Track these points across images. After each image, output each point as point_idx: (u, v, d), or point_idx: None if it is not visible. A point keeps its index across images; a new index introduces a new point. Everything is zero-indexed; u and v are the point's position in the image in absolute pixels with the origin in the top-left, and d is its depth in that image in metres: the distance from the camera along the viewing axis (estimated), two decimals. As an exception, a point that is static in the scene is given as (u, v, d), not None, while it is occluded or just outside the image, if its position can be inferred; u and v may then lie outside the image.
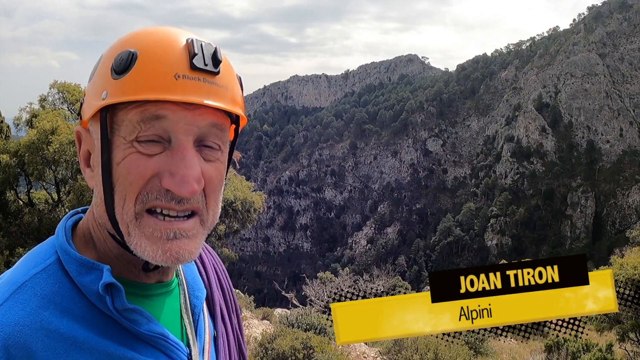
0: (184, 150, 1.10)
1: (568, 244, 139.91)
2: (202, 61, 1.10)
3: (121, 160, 1.09)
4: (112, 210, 1.11)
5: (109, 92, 1.09)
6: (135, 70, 1.08)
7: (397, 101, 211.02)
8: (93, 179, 1.18)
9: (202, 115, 1.12)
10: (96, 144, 1.15)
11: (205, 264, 1.46)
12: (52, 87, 17.63)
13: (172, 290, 1.29)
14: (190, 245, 1.13)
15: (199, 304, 1.33)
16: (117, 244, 1.17)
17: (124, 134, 1.09)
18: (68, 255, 1.15)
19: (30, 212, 16.35)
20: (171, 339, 1.20)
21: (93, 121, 1.15)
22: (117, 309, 1.11)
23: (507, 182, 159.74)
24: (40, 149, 14.92)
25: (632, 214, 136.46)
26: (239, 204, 21.17)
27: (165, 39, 1.12)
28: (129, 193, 1.09)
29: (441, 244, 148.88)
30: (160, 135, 1.09)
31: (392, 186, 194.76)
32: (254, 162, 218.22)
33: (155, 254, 1.10)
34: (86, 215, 1.25)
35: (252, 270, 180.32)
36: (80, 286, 1.12)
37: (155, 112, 1.08)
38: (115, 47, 1.15)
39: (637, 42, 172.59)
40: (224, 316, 1.43)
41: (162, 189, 1.09)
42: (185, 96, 1.08)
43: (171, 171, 1.09)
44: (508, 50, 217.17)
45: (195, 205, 1.14)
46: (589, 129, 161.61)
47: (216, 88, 1.13)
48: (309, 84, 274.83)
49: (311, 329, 12.39)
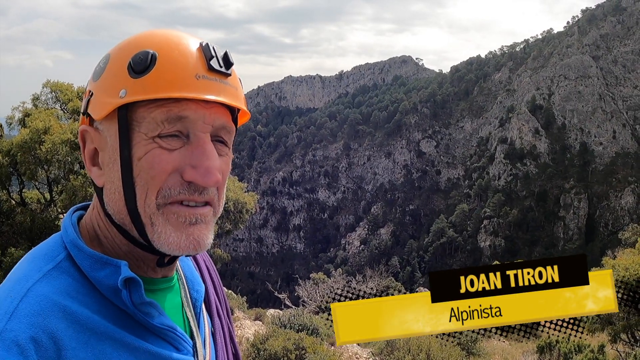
0: (205, 144, 1.15)
1: (561, 245, 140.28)
2: (218, 63, 1.16)
3: (143, 155, 1.12)
4: (134, 204, 1.14)
5: (128, 90, 1.12)
6: (156, 70, 1.12)
7: (391, 102, 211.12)
8: (102, 177, 1.19)
9: (217, 114, 1.17)
10: (110, 141, 1.16)
11: (198, 262, 1.50)
12: (45, 87, 17.54)
13: (173, 286, 1.32)
14: (207, 230, 1.18)
15: (199, 298, 1.37)
16: (128, 241, 1.19)
17: (145, 131, 1.13)
18: (80, 251, 1.17)
19: (22, 212, 16.27)
20: (179, 332, 1.23)
21: (106, 119, 1.17)
22: (133, 303, 1.14)
23: (501, 184, 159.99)
24: (33, 148, 14.85)
25: (625, 215, 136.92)
26: (231, 204, 21.16)
27: (181, 42, 1.17)
28: (151, 186, 1.12)
29: (434, 245, 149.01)
30: (181, 131, 1.14)
31: (385, 187, 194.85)
32: (247, 162, 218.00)
33: (180, 239, 1.14)
34: (88, 213, 1.27)
35: (245, 271, 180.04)
36: (94, 281, 1.14)
37: (178, 112, 1.12)
38: (127, 47, 1.17)
39: (630, 44, 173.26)
40: (219, 312, 1.47)
41: (184, 183, 1.14)
42: (206, 95, 1.13)
43: (193, 164, 1.13)
44: (502, 52, 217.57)
45: (211, 197, 1.18)
46: (582, 131, 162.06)
47: (229, 88, 1.19)
48: (303, 85, 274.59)
49: (304, 329, 12.38)
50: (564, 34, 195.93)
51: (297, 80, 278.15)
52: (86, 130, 1.22)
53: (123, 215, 1.16)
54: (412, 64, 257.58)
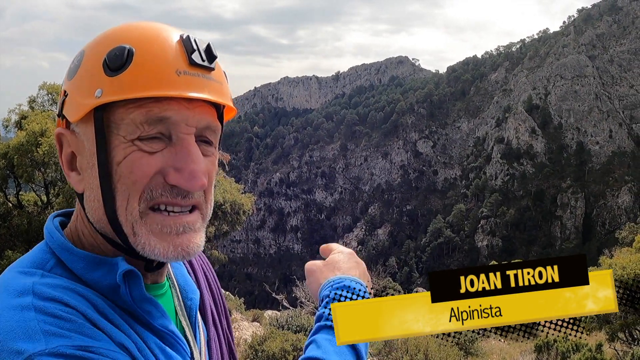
0: (189, 146, 1.08)
1: (558, 244, 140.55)
2: (200, 57, 1.10)
3: (122, 159, 1.06)
4: (114, 212, 1.08)
5: (104, 90, 1.05)
6: (133, 66, 1.05)
7: (388, 103, 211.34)
8: (81, 182, 1.14)
9: (202, 113, 1.11)
10: (87, 145, 1.10)
11: (194, 266, 1.45)
12: (42, 89, 17.52)
13: (165, 292, 1.27)
14: (197, 238, 1.13)
15: (194, 306, 1.32)
16: (114, 248, 1.13)
17: (123, 133, 1.06)
18: (71, 253, 1.11)
19: (19, 215, 16.25)
20: (179, 337, 1.18)
21: (82, 121, 1.10)
22: (134, 299, 1.10)
23: (497, 184, 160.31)
24: (30, 151, 14.83)
25: (622, 214, 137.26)
26: (228, 206, 21.12)
27: (159, 34, 1.11)
28: (132, 192, 1.06)
29: (432, 245, 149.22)
30: (162, 132, 1.08)
31: (382, 188, 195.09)
32: (244, 163, 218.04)
33: (167, 250, 1.08)
34: (72, 221, 1.21)
35: (243, 272, 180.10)
36: (91, 282, 1.08)
37: (159, 113, 1.06)
38: (102, 42, 1.11)
39: (626, 44, 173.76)
40: (215, 319, 1.42)
41: (166, 185, 1.08)
42: (188, 92, 1.06)
43: (176, 167, 1.07)
44: (498, 52, 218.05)
45: (197, 200, 1.13)
46: (578, 130, 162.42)
47: (213, 83, 1.12)
48: (300, 86, 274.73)
49: (301, 330, 12.39)
50: (560, 33, 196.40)
51: (294, 81, 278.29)
52: (62, 133, 1.15)
53: (104, 224, 1.11)
54: (409, 65, 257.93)
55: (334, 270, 1.41)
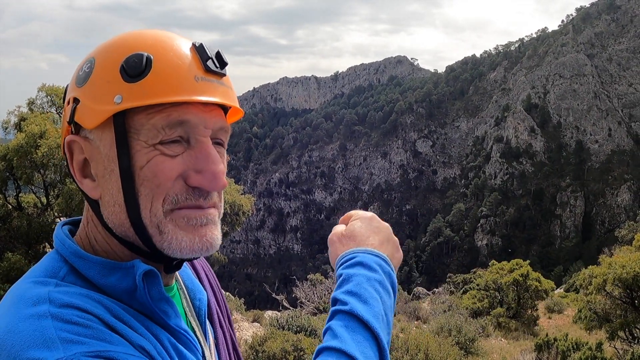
0: (208, 148, 1.12)
1: (558, 243, 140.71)
2: (214, 64, 1.14)
3: (145, 163, 1.09)
4: (138, 216, 1.10)
5: (124, 96, 1.07)
6: (153, 73, 1.08)
7: (387, 102, 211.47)
8: (96, 188, 1.14)
9: (217, 116, 1.15)
10: (104, 151, 1.11)
11: (197, 267, 1.47)
12: (41, 91, 17.50)
13: (174, 295, 1.29)
14: (217, 231, 1.16)
15: (202, 307, 1.34)
16: (131, 252, 1.15)
17: (144, 138, 1.09)
18: (85, 260, 1.12)
19: (19, 216, 16.25)
20: (192, 337, 1.20)
21: (98, 127, 1.11)
22: (152, 299, 1.11)
23: (497, 183, 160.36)
24: (29, 152, 14.82)
25: (621, 213, 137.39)
26: (228, 207, 21.14)
27: (172, 42, 1.14)
28: (156, 195, 1.09)
29: (431, 245, 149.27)
30: (181, 135, 1.11)
31: (382, 187, 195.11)
32: (243, 164, 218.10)
33: (193, 242, 1.11)
34: (82, 228, 1.22)
35: (243, 273, 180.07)
36: (106, 288, 1.10)
37: (179, 117, 1.08)
38: (115, 50, 1.13)
39: (625, 42, 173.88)
40: (221, 322, 1.44)
41: (188, 188, 1.11)
42: (207, 96, 1.10)
43: (197, 169, 1.11)
44: (497, 52, 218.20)
45: (215, 200, 1.18)
46: (577, 129, 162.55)
47: (225, 88, 1.17)
48: (299, 86, 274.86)
49: (302, 331, 12.37)
50: (558, 32, 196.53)
51: (293, 82, 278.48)
52: (74, 140, 1.15)
53: (126, 228, 1.12)
54: (408, 64, 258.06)
55: (349, 242, 1.40)
